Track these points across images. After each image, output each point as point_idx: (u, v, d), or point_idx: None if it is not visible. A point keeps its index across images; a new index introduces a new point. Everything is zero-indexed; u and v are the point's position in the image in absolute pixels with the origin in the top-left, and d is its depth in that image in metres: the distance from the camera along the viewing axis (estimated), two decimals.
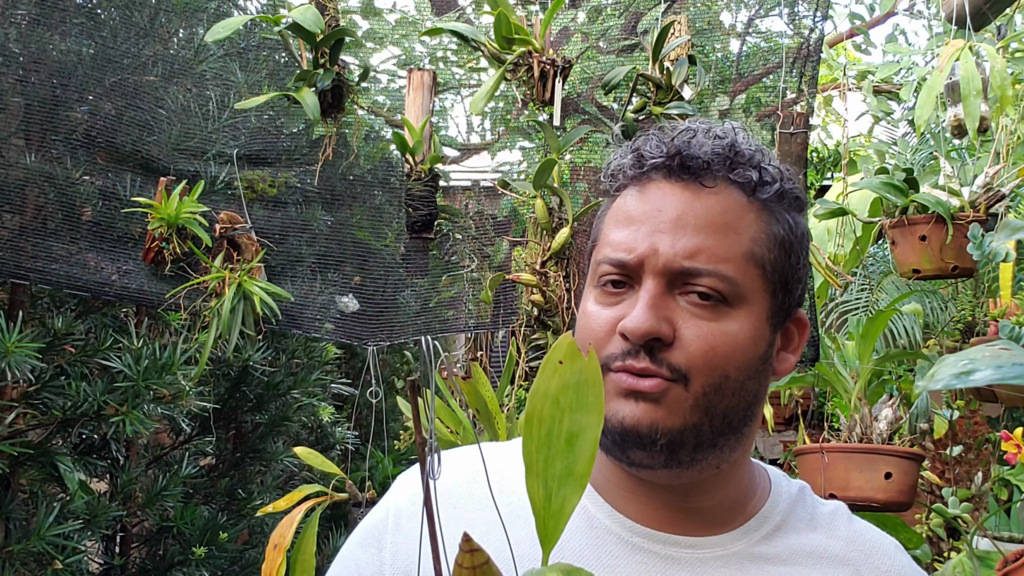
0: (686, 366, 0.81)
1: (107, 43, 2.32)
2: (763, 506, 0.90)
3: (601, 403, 0.53)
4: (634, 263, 0.83)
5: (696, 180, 0.84)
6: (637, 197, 0.87)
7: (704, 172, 0.84)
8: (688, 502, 0.87)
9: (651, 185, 0.86)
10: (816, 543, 0.89)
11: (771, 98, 2.45)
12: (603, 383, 0.78)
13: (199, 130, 2.42)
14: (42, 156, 2.23)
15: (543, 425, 0.50)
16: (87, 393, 2.18)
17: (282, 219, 2.53)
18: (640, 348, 0.81)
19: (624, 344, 0.82)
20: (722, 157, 0.85)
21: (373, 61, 3.12)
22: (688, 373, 0.81)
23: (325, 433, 3.36)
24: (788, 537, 0.88)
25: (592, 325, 0.85)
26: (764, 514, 0.89)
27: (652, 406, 0.81)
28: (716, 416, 0.82)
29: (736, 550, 0.85)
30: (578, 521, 0.86)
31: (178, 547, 2.62)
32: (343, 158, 2.54)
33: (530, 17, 2.33)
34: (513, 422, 2.19)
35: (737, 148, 0.85)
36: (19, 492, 2.26)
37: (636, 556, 0.84)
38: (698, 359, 0.81)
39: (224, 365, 2.78)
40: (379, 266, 2.68)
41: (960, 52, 2.25)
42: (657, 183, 0.86)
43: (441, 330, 2.85)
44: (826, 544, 0.89)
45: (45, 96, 2.24)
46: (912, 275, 2.30)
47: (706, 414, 0.82)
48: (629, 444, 0.82)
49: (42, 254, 2.19)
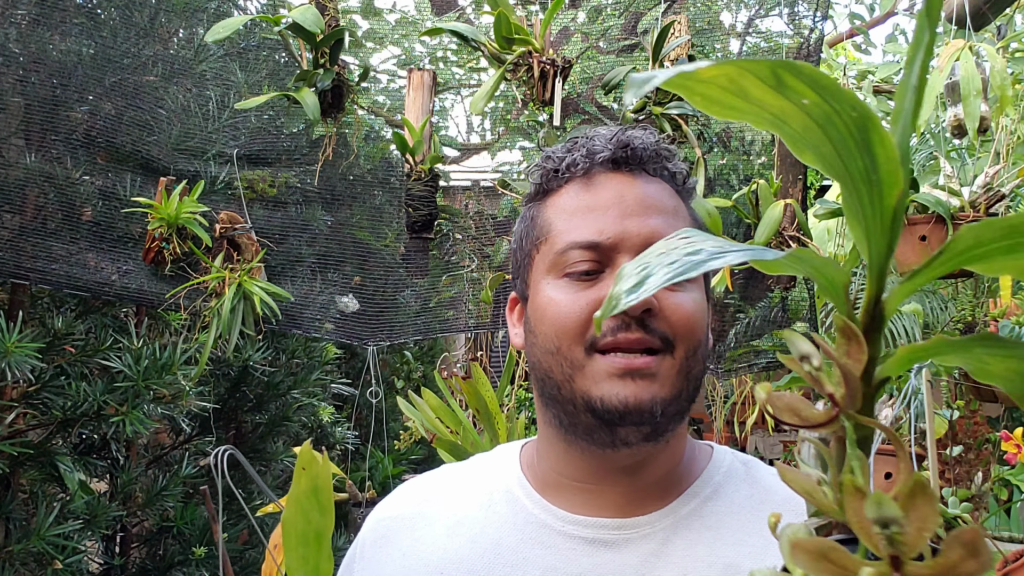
0: (672, 334, 0.86)
1: (107, 43, 2.32)
2: (697, 479, 0.93)
3: (331, 506, 0.59)
4: (609, 244, 0.87)
5: (642, 169, 0.91)
6: (587, 189, 0.91)
7: (648, 162, 0.92)
8: (636, 480, 0.90)
9: (599, 177, 0.91)
10: (752, 502, 0.91)
11: None
12: (591, 367, 0.84)
13: (199, 130, 2.42)
14: (42, 156, 2.23)
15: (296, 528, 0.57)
16: (87, 393, 2.18)
17: (282, 219, 2.53)
18: (631, 321, 0.85)
19: (613, 320, 0.85)
20: (657, 151, 0.93)
21: (373, 61, 3.12)
22: (674, 340, 0.86)
23: (325, 433, 3.36)
24: (718, 503, 0.90)
25: (568, 311, 0.88)
26: (697, 487, 0.92)
27: (648, 382, 0.85)
28: (692, 381, 0.88)
29: (664, 524, 0.88)
30: (514, 519, 0.91)
31: (178, 547, 2.62)
32: (343, 158, 2.54)
33: (530, 17, 2.33)
34: (513, 422, 2.19)
35: (664, 144, 0.94)
36: (19, 492, 2.26)
37: (567, 543, 0.88)
38: (680, 326, 0.86)
39: (224, 365, 2.78)
40: (379, 266, 2.68)
41: (960, 52, 2.25)
42: (604, 175, 0.92)
43: (441, 330, 2.85)
44: (763, 498, 0.91)
45: (45, 96, 2.24)
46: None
47: (686, 380, 0.87)
48: (627, 422, 0.85)
49: (42, 254, 2.19)
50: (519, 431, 2.18)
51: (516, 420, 2.22)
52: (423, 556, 0.91)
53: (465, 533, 0.91)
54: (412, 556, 0.92)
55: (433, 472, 1.05)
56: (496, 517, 0.91)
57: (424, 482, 1.02)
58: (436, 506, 0.96)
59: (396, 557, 0.93)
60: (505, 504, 0.92)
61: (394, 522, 0.98)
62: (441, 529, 0.93)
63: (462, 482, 0.98)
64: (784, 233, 2.35)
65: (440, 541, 0.92)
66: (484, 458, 1.03)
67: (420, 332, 2.87)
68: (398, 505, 1.00)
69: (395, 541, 0.95)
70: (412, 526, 0.96)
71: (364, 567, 0.96)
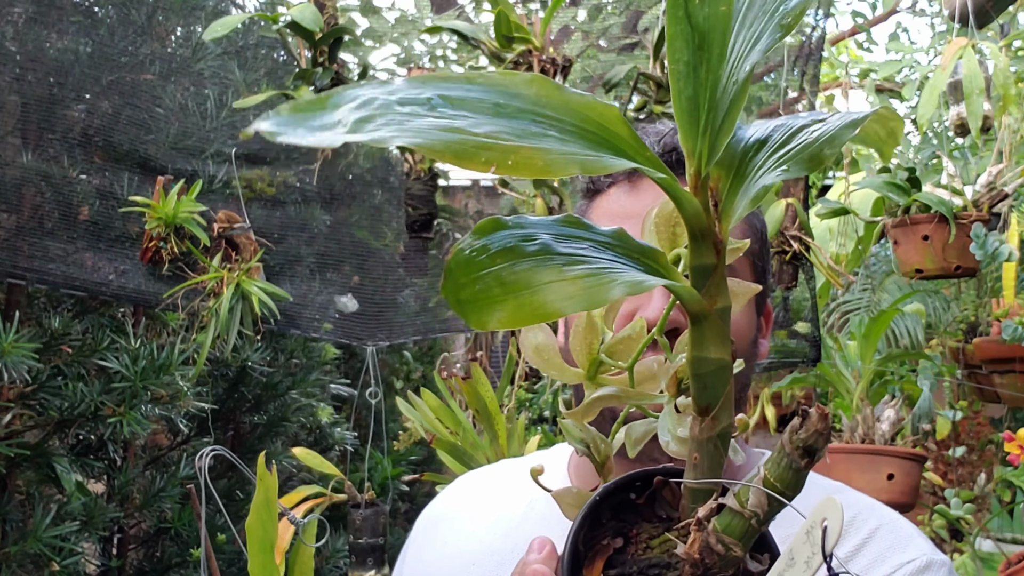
0: None
1: (104, 41, 2.30)
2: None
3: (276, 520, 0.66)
4: None
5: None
6: (631, 193, 0.89)
7: None
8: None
9: (643, 182, 0.88)
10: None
11: (773, 96, 2.43)
12: None
13: (197, 129, 2.41)
14: (39, 155, 2.21)
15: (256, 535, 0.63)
16: (84, 393, 2.17)
17: (281, 218, 2.52)
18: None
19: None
20: None
21: (372, 59, 3.11)
22: None
23: (324, 434, 3.35)
24: None
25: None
26: None
27: None
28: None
29: None
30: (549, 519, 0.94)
31: (176, 548, 2.60)
32: (342, 157, 2.53)
33: (530, 15, 2.32)
34: (513, 422, 2.18)
35: None
36: (16, 493, 2.25)
37: None
38: None
39: (222, 365, 2.77)
40: (378, 266, 2.67)
41: (963, 50, 2.24)
42: (649, 179, 0.88)
43: (441, 330, 2.83)
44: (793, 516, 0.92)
45: (42, 94, 2.22)
46: (914, 275, 2.28)
47: None
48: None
49: (39, 253, 2.18)
50: (519, 432, 2.16)
51: (516, 420, 2.21)
52: (462, 546, 0.98)
53: (503, 528, 0.96)
54: (453, 545, 0.99)
55: (490, 467, 1.14)
56: (534, 515, 0.94)
57: (478, 477, 1.10)
58: (483, 500, 1.03)
59: (439, 546, 1.01)
60: (544, 503, 0.93)
61: (445, 512, 1.06)
62: (483, 523, 0.99)
63: (512, 479, 1.03)
64: (786, 232, 2.34)
65: (479, 534, 0.98)
66: (540, 456, 1.11)
67: (420, 332, 2.86)
68: (451, 497, 1.08)
69: (441, 530, 1.03)
70: (458, 518, 1.03)
71: (414, 553, 1.05)
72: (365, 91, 0.33)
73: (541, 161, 0.31)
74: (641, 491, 0.47)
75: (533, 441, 2.27)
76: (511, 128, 0.31)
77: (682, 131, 0.36)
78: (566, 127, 0.33)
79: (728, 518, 0.40)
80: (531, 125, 0.32)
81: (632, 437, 0.52)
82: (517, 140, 0.31)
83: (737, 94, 0.35)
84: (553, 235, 0.35)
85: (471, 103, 0.32)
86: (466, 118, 0.32)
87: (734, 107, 0.35)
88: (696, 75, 0.35)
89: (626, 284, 0.34)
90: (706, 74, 0.34)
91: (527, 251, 0.33)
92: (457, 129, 0.31)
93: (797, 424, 0.39)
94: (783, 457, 0.40)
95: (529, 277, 0.32)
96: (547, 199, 2.24)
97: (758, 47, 0.34)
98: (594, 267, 0.34)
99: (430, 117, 0.31)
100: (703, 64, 0.34)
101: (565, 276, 0.33)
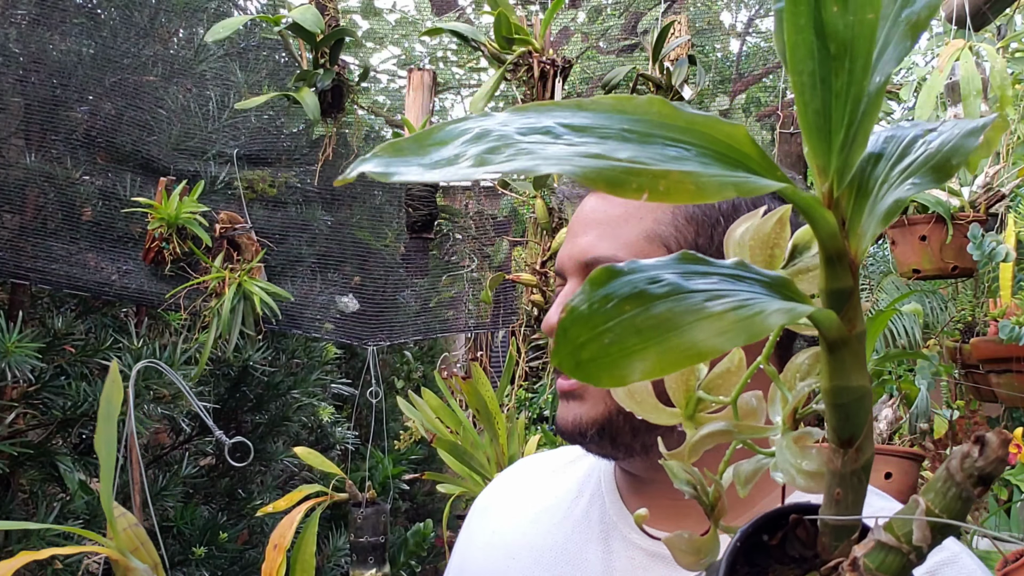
0: None
1: (107, 43, 2.32)
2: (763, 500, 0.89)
3: None
4: (560, 271, 0.90)
5: None
6: (603, 199, 0.89)
7: None
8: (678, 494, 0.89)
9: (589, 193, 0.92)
10: None
11: (771, 98, 2.44)
12: None
13: (199, 130, 2.42)
14: (42, 156, 2.23)
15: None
16: (87, 393, 2.18)
17: (282, 219, 2.54)
18: None
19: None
20: None
21: (373, 61, 3.12)
22: None
23: (325, 433, 3.36)
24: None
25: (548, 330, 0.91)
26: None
27: (574, 403, 0.84)
28: None
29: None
30: (590, 516, 0.92)
31: (178, 547, 2.62)
32: (343, 158, 2.54)
33: (530, 17, 2.33)
34: (513, 422, 2.19)
35: None
36: (19, 492, 2.26)
37: (628, 551, 0.87)
38: None
39: (224, 365, 2.78)
40: (379, 266, 2.68)
41: (960, 52, 2.25)
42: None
43: (441, 330, 2.85)
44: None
45: (45, 96, 2.24)
46: (912, 275, 2.30)
47: None
48: (574, 442, 0.86)
49: (42, 254, 2.19)
50: (519, 431, 2.17)
51: (516, 420, 2.22)
52: (506, 537, 0.97)
53: (546, 522, 0.95)
54: (498, 535, 0.98)
55: (550, 453, 1.09)
56: (577, 511, 0.93)
57: (535, 463, 1.07)
58: (533, 491, 1.00)
59: (487, 534, 1.00)
60: (588, 499, 0.94)
61: (497, 498, 1.05)
62: (529, 514, 0.97)
63: (565, 469, 1.01)
64: None
65: (523, 526, 0.96)
66: (575, 454, 1.07)
67: (420, 332, 2.87)
68: (506, 482, 1.07)
69: (490, 517, 1.03)
70: (507, 506, 1.02)
71: (467, 535, 1.05)
72: (470, 124, 0.32)
73: (692, 185, 0.30)
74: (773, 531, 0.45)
75: (533, 441, 2.28)
76: (649, 153, 0.31)
77: (810, 146, 0.34)
78: (700, 149, 0.32)
79: (882, 555, 0.38)
80: (666, 148, 0.31)
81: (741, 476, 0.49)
82: (661, 164, 0.30)
83: (869, 106, 0.33)
84: (678, 273, 0.33)
85: (595, 130, 0.32)
86: (599, 144, 0.31)
87: (868, 120, 0.33)
88: (825, 86, 0.33)
89: (781, 312, 0.32)
90: (842, 86, 0.33)
91: (658, 293, 0.31)
92: (599, 155, 0.30)
93: (974, 451, 0.37)
94: (951, 486, 0.37)
95: (671, 319, 0.30)
96: (547, 200, 2.26)
97: (888, 55, 0.33)
98: (736, 299, 0.32)
99: (559, 144, 0.30)
100: (837, 75, 0.33)
101: (711, 312, 0.31)
